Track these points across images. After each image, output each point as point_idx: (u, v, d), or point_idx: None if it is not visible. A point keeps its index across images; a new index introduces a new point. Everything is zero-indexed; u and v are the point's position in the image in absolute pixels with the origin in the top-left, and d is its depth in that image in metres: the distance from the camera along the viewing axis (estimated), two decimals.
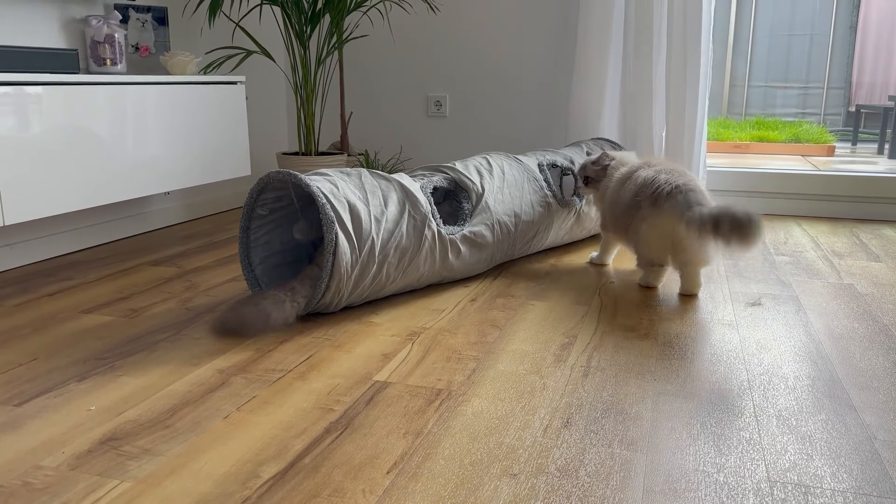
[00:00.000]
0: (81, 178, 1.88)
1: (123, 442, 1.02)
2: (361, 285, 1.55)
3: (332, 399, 1.16)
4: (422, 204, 1.65)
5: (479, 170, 1.88)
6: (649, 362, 1.33)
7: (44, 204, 1.79)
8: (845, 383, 1.24)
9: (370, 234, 1.52)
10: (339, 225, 1.47)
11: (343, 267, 1.48)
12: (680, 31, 2.41)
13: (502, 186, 1.88)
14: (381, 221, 1.56)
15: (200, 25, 2.68)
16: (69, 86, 1.83)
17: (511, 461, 0.98)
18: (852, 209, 2.71)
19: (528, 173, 1.98)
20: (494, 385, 1.22)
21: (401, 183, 1.65)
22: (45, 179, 1.79)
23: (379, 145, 3.08)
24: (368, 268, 1.53)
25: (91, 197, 1.92)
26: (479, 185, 1.83)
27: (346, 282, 1.50)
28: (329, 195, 1.50)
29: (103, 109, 1.93)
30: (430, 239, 1.65)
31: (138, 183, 2.06)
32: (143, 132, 2.07)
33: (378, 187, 1.61)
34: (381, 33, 2.98)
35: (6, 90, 1.68)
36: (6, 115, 1.69)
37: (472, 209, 1.79)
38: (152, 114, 2.09)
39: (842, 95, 6.30)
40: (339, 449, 1.01)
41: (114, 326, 1.51)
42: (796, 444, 1.03)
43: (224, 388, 1.20)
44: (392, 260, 1.58)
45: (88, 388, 1.20)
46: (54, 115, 1.80)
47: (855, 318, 1.57)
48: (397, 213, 1.60)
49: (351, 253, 1.49)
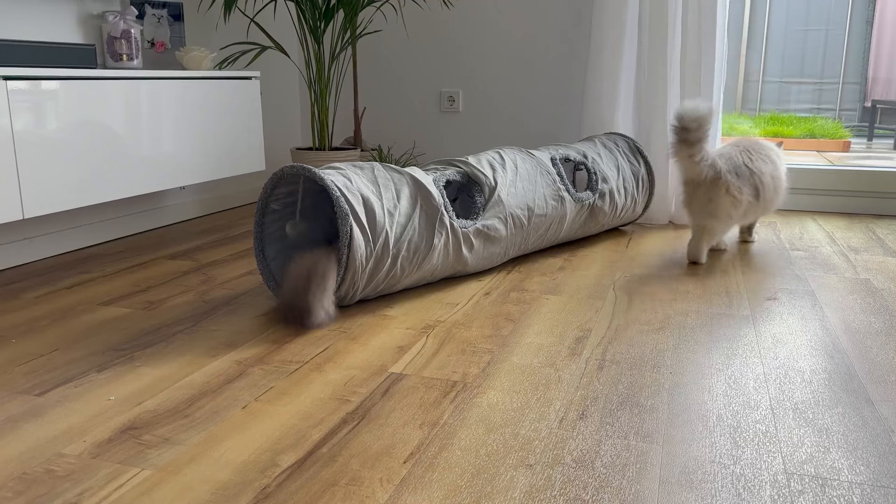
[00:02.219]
0: (98, 173, 1.90)
1: (143, 431, 1.04)
2: (376, 279, 1.56)
3: (348, 390, 1.17)
4: (434, 197, 1.65)
5: (491, 164, 1.88)
6: (664, 356, 1.33)
7: (61, 198, 1.81)
8: (862, 377, 1.23)
9: (384, 228, 1.53)
10: (354, 218, 1.48)
11: (358, 259, 1.48)
12: (695, 26, 2.40)
13: (515, 180, 1.88)
14: (394, 215, 1.56)
15: (216, 21, 2.70)
16: (86, 80, 1.84)
17: (527, 452, 0.98)
18: (868, 204, 2.69)
19: (540, 167, 1.98)
20: (509, 377, 1.23)
21: (413, 176, 1.66)
22: (62, 174, 1.81)
23: (392, 140, 3.08)
24: (383, 261, 1.54)
25: (108, 191, 1.94)
26: (491, 178, 1.83)
27: (360, 274, 1.51)
28: (343, 188, 1.51)
29: (119, 104, 1.95)
30: (444, 232, 1.65)
31: (154, 178, 2.08)
32: (159, 127, 2.08)
33: (391, 180, 1.62)
34: (394, 28, 2.98)
35: (24, 85, 1.70)
36: (24, 110, 1.70)
37: (486, 202, 1.80)
38: (168, 109, 2.11)
39: (857, 91, 6.24)
40: (356, 439, 1.01)
41: (132, 318, 1.53)
42: (813, 437, 1.03)
43: (242, 379, 1.21)
44: (406, 253, 1.58)
45: (108, 379, 1.22)
46: (72, 110, 1.81)
47: (871, 313, 1.57)
48: (409, 207, 1.60)
49: (366, 245, 1.50)
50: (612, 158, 2.24)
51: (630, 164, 2.27)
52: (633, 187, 2.25)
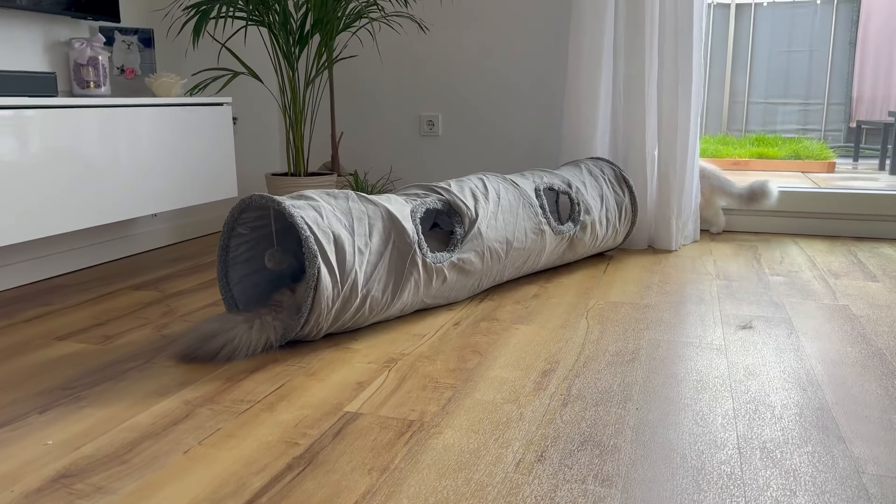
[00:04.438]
0: (65, 201, 1.86)
1: (76, 479, 0.98)
2: (342, 318, 1.51)
3: (298, 432, 1.12)
4: (408, 234, 1.61)
5: (474, 193, 1.84)
6: (632, 390, 1.28)
7: (26, 227, 1.76)
8: (835, 412, 1.19)
9: (353, 268, 1.48)
10: (323, 258, 1.43)
11: (324, 301, 1.44)
12: (671, 49, 2.38)
13: (497, 212, 1.84)
14: (364, 253, 1.52)
15: (186, 47, 2.67)
16: (48, 109, 1.81)
17: (479, 500, 0.93)
18: (850, 227, 2.66)
19: (523, 198, 1.93)
20: (469, 415, 1.18)
21: (388, 210, 1.61)
22: (27, 203, 1.76)
23: (371, 165, 3.05)
24: (350, 301, 1.49)
25: (75, 220, 1.89)
26: (472, 210, 1.79)
27: (325, 315, 1.46)
28: (313, 225, 1.45)
29: (86, 132, 1.91)
30: (415, 269, 1.61)
31: (123, 205, 2.04)
32: (129, 154, 2.04)
33: (365, 214, 1.57)
34: (372, 53, 2.96)
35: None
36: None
37: (465, 235, 1.75)
38: (137, 136, 2.07)
39: (842, 111, 6.26)
40: (298, 487, 0.96)
41: (85, 354, 1.48)
42: (779, 479, 0.98)
43: (188, 421, 1.16)
44: (375, 294, 1.54)
45: (49, 421, 1.17)
46: (34, 139, 1.77)
47: (849, 342, 1.53)
48: (381, 244, 1.56)
49: (333, 287, 1.45)
50: (597, 187, 2.20)
51: (615, 194, 2.23)
52: (615, 217, 2.21)
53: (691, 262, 2.26)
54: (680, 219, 2.46)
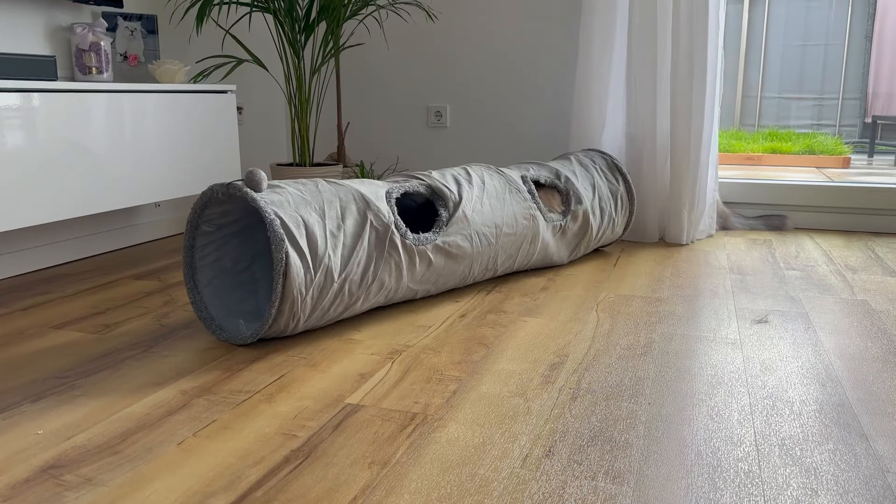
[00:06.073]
0: (64, 188, 1.82)
1: (65, 470, 0.95)
2: (321, 307, 1.43)
3: (297, 424, 1.08)
4: (383, 213, 1.54)
5: (456, 179, 1.79)
6: (644, 384, 1.23)
7: (25, 214, 1.73)
8: (856, 408, 1.14)
9: (326, 252, 1.41)
10: (291, 242, 1.35)
11: (296, 288, 1.35)
12: (686, 40, 2.32)
13: (482, 196, 1.78)
14: (337, 237, 1.44)
15: (189, 33, 2.64)
16: (47, 93, 1.77)
17: (483, 496, 0.89)
18: (867, 222, 2.60)
19: (510, 184, 1.88)
20: (474, 409, 1.14)
21: (360, 191, 1.54)
22: (25, 189, 1.73)
23: (378, 156, 3.01)
24: (327, 287, 1.42)
25: (75, 207, 1.86)
26: (456, 193, 1.74)
27: (300, 304, 1.38)
28: (278, 209, 1.37)
29: (88, 117, 1.88)
30: (395, 251, 1.54)
31: (125, 193, 2.00)
32: (131, 141, 2.01)
33: (336, 195, 1.50)
34: (380, 41, 2.92)
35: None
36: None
37: (449, 217, 1.69)
38: (140, 123, 2.03)
39: (857, 106, 6.17)
40: (295, 481, 0.92)
41: (82, 343, 1.44)
42: (800, 478, 0.93)
43: (184, 411, 1.12)
44: (354, 277, 1.46)
45: (41, 410, 1.13)
46: (33, 124, 1.74)
47: (868, 337, 1.47)
48: (357, 226, 1.48)
49: (305, 272, 1.37)
50: (588, 177, 2.14)
51: (608, 183, 2.17)
52: (610, 207, 2.15)
53: (704, 256, 2.21)
54: (693, 213, 2.40)
